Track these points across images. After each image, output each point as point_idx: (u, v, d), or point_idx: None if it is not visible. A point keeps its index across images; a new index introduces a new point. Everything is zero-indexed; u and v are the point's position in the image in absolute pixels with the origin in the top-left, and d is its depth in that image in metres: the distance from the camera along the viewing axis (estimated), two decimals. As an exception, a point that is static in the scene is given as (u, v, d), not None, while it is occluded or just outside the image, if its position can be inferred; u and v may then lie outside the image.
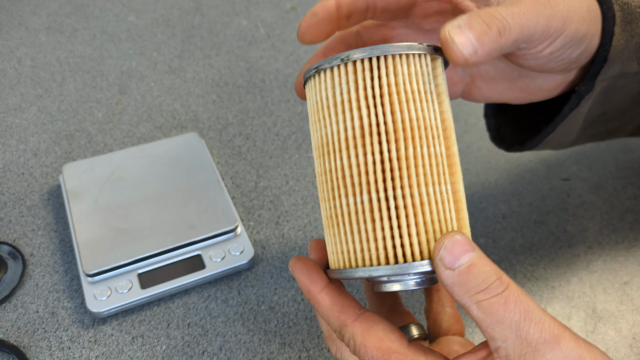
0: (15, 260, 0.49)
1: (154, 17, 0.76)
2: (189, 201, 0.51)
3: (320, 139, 0.32)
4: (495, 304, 0.27)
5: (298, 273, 0.33)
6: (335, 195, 0.31)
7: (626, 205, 0.57)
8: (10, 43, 0.70)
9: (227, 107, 0.64)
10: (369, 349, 0.30)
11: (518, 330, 0.27)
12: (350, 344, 0.31)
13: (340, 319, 0.31)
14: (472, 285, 0.28)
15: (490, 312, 0.27)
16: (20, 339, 0.44)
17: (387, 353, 0.30)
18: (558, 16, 0.32)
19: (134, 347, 0.44)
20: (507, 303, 0.27)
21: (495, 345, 0.28)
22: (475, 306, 0.28)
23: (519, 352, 0.27)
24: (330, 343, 0.36)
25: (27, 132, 0.60)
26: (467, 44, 0.30)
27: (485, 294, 0.27)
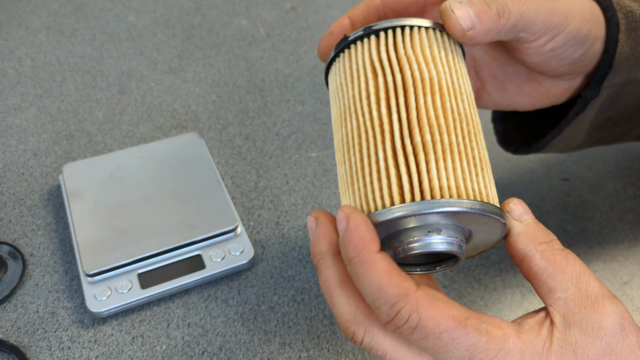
0: (15, 260, 0.49)
1: (154, 17, 0.76)
2: (189, 201, 0.51)
3: (341, 107, 0.33)
4: (558, 255, 0.29)
5: (354, 223, 0.27)
6: (353, 152, 0.30)
7: (626, 205, 0.57)
8: (10, 43, 0.70)
9: (227, 107, 0.64)
10: (440, 320, 0.26)
11: (579, 282, 0.28)
12: (412, 319, 0.26)
13: (402, 286, 0.26)
14: (538, 235, 0.30)
15: (553, 262, 0.29)
16: (20, 339, 0.44)
17: (462, 321, 0.26)
18: (560, 11, 0.33)
19: (134, 347, 0.44)
20: (568, 257, 0.29)
21: (554, 297, 0.28)
22: (540, 254, 0.29)
23: (579, 304, 0.28)
24: (355, 327, 0.29)
25: (27, 132, 0.60)
26: (465, 18, 0.31)
27: (548, 246, 0.29)
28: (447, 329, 0.26)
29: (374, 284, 0.26)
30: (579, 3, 0.34)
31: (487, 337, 0.26)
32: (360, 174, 0.30)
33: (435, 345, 0.26)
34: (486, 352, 0.26)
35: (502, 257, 0.52)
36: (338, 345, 0.45)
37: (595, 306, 0.27)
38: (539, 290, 0.29)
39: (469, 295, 0.49)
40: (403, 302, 0.26)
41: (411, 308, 0.26)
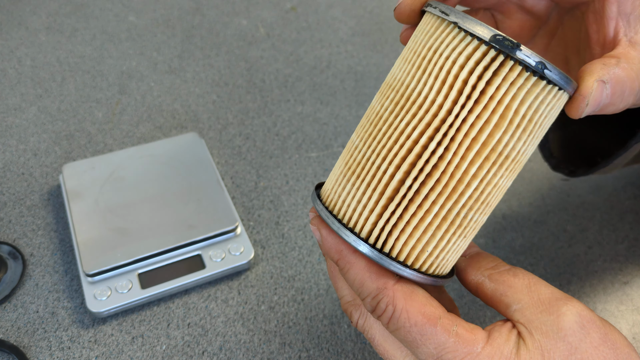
0: (15, 260, 0.49)
1: (154, 17, 0.76)
2: (189, 201, 0.51)
3: (390, 78, 0.29)
4: (505, 274, 0.30)
5: (326, 233, 0.30)
6: (372, 140, 0.28)
7: (626, 205, 0.57)
8: (10, 43, 0.70)
9: (227, 107, 0.64)
10: (411, 314, 0.28)
11: (530, 291, 0.29)
12: (388, 310, 0.28)
13: (380, 281, 0.28)
14: (482, 264, 0.31)
15: (501, 281, 0.30)
16: (20, 339, 0.44)
17: (432, 318, 0.28)
18: None
19: (134, 347, 0.44)
20: (516, 273, 0.30)
21: (511, 310, 0.29)
22: (488, 279, 0.30)
23: (535, 310, 0.29)
24: (353, 309, 0.32)
25: (27, 132, 0.60)
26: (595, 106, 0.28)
27: (494, 269, 0.31)
28: (416, 324, 0.27)
29: (357, 280, 0.29)
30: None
31: (455, 338, 0.27)
32: (356, 172, 0.29)
33: (406, 337, 0.28)
34: (454, 353, 0.27)
35: (502, 257, 0.52)
36: (338, 345, 0.45)
37: (550, 309, 0.28)
38: (499, 310, 0.30)
39: (469, 295, 0.49)
40: (382, 294, 0.28)
41: (388, 300, 0.28)
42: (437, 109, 0.26)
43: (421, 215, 0.27)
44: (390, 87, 0.29)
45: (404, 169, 0.27)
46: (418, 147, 0.27)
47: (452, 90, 0.26)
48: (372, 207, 0.28)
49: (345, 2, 0.81)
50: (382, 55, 0.73)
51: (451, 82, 0.26)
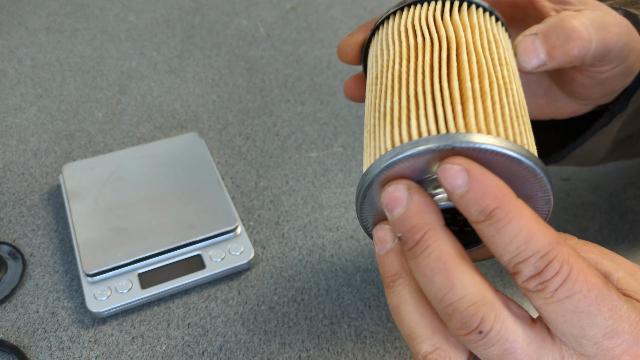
0: (15, 260, 0.49)
1: (154, 17, 0.76)
2: (189, 201, 0.51)
3: (376, 69, 0.30)
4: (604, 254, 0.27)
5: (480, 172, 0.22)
6: (385, 99, 0.27)
7: (626, 205, 0.57)
8: (10, 43, 0.70)
9: (227, 107, 0.64)
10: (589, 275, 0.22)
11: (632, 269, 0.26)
12: (564, 270, 0.22)
13: (554, 234, 0.22)
14: None
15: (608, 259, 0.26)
16: (20, 339, 0.44)
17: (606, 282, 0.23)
18: (631, 45, 0.32)
19: (134, 347, 0.44)
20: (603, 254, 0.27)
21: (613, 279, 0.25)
22: None
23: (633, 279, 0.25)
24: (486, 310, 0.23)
25: (27, 132, 0.60)
26: (533, 58, 0.30)
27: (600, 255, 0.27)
28: (595, 286, 0.22)
29: (523, 234, 0.22)
30: (634, 32, 0.33)
31: (628, 305, 0.23)
32: (390, 116, 0.26)
33: (579, 307, 0.22)
34: (628, 322, 0.22)
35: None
36: (338, 345, 0.45)
37: None
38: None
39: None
40: (556, 251, 0.22)
41: (563, 258, 0.22)
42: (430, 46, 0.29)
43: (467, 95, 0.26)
44: (379, 72, 0.30)
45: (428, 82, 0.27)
46: (428, 69, 0.27)
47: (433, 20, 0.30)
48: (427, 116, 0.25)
49: (345, 2, 0.81)
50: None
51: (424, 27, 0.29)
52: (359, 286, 0.49)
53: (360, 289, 0.49)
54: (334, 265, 0.50)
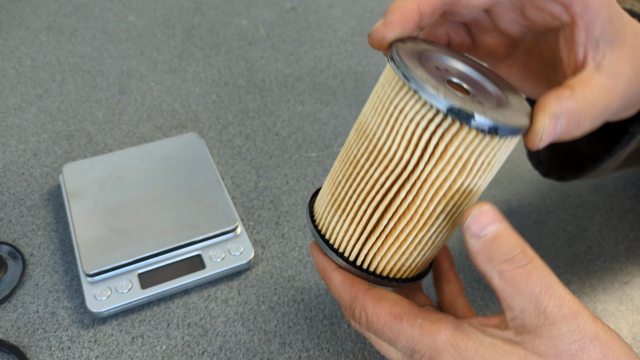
0: (15, 260, 0.49)
1: (154, 17, 0.76)
2: (189, 201, 0.51)
3: (363, 123, 0.32)
4: (518, 275, 0.28)
5: (315, 253, 0.35)
6: (349, 177, 0.33)
7: (626, 205, 0.57)
8: (10, 43, 0.70)
9: (227, 107, 0.64)
10: (381, 316, 0.31)
11: (537, 303, 0.28)
12: (362, 317, 0.32)
13: (352, 292, 0.33)
14: (495, 254, 0.29)
15: (511, 283, 0.28)
16: (20, 339, 0.44)
17: (398, 316, 0.31)
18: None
19: (133, 347, 0.44)
20: (530, 276, 0.28)
21: (512, 314, 0.29)
22: (498, 276, 0.29)
23: (535, 324, 0.28)
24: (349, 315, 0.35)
25: (27, 132, 0.60)
26: (551, 136, 0.30)
27: (508, 265, 0.28)
28: (386, 323, 0.31)
29: (336, 293, 0.34)
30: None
31: (419, 330, 0.30)
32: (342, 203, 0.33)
33: (384, 336, 0.32)
34: (421, 343, 0.30)
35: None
36: (338, 345, 0.45)
37: (551, 327, 0.28)
38: (500, 302, 0.30)
39: (469, 296, 0.49)
40: (354, 303, 0.33)
41: (360, 308, 0.32)
42: (405, 163, 0.30)
43: (391, 242, 0.32)
44: (363, 133, 0.32)
45: (379, 210, 0.31)
46: (390, 194, 0.31)
47: (416, 148, 0.29)
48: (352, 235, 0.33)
49: (345, 2, 0.81)
50: (382, 55, 0.73)
51: (415, 142, 0.29)
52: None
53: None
54: (334, 265, 0.50)
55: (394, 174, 0.30)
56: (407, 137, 0.29)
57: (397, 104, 0.30)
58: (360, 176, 0.32)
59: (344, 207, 0.33)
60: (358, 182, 0.32)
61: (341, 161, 0.34)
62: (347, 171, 0.33)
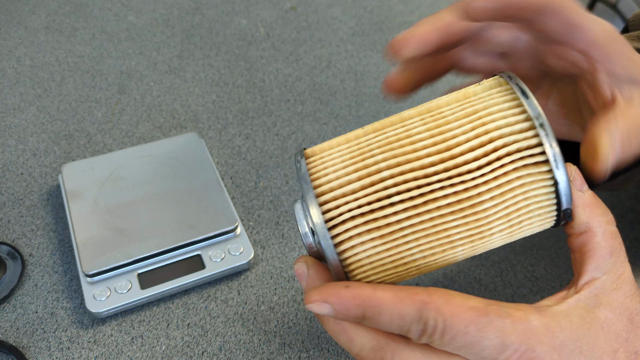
0: (14, 261, 0.49)
1: (154, 16, 0.76)
2: (189, 201, 0.51)
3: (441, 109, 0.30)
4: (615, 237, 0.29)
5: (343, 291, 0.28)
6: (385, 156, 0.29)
7: (627, 205, 0.57)
8: (9, 42, 0.70)
9: (227, 107, 0.64)
10: (462, 315, 0.26)
11: (620, 266, 0.29)
12: (439, 323, 0.26)
13: (415, 301, 0.26)
14: (601, 211, 0.29)
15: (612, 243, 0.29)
16: (19, 339, 0.44)
17: (481, 310, 0.26)
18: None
19: (133, 348, 0.44)
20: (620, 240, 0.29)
21: (594, 275, 0.29)
22: (602, 232, 0.29)
23: (615, 286, 0.29)
24: (383, 353, 0.28)
25: (26, 132, 0.60)
26: (615, 158, 0.30)
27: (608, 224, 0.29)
28: (471, 321, 0.26)
29: (395, 315, 0.26)
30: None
31: (510, 319, 0.26)
32: None
33: (465, 341, 0.26)
34: (515, 334, 0.26)
35: (502, 257, 0.52)
36: (338, 345, 0.45)
37: (625, 289, 0.28)
38: (585, 265, 0.29)
39: (469, 296, 0.49)
40: (425, 312, 0.26)
41: (434, 313, 0.26)
42: (459, 155, 0.27)
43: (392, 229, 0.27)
44: (432, 114, 0.29)
45: (398, 197, 0.27)
46: (421, 174, 0.27)
47: (482, 151, 0.27)
48: None
49: (345, 2, 0.81)
50: (382, 55, 0.73)
51: (486, 148, 0.27)
52: (359, 286, 0.49)
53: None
54: (334, 266, 0.50)
55: (439, 156, 0.27)
56: (480, 138, 0.27)
57: (485, 99, 0.29)
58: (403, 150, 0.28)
59: None
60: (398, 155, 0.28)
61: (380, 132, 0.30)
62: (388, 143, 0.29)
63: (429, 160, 0.27)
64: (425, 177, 0.27)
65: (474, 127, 0.28)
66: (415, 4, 0.83)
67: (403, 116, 0.30)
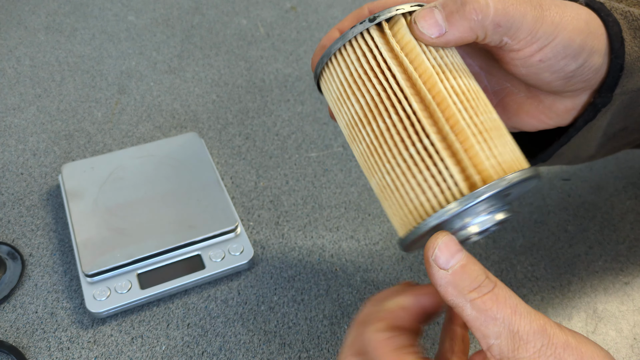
0: (14, 261, 0.49)
1: (154, 16, 0.76)
2: (189, 201, 0.51)
3: (347, 122, 0.33)
4: (488, 301, 0.28)
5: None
6: (377, 168, 0.32)
7: (627, 205, 0.57)
8: (9, 42, 0.70)
9: (227, 106, 0.64)
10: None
11: (510, 325, 0.28)
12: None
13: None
14: (465, 284, 0.28)
15: (483, 310, 0.28)
16: (19, 339, 0.44)
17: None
18: (548, 20, 0.31)
19: (133, 348, 0.44)
20: (498, 299, 0.28)
21: (488, 343, 0.28)
22: (470, 305, 0.28)
23: (512, 347, 0.28)
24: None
25: (26, 132, 0.60)
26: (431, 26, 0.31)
27: (478, 292, 0.28)
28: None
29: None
30: (572, 12, 0.32)
31: None
32: (398, 183, 0.31)
33: None
34: None
35: (502, 257, 0.52)
36: (338, 345, 0.45)
37: (526, 346, 0.28)
38: (476, 337, 0.29)
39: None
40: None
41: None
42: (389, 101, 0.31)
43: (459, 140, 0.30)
44: (351, 131, 0.33)
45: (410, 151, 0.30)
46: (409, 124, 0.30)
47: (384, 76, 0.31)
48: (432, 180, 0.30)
49: (345, 2, 0.81)
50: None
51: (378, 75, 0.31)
52: (359, 286, 0.49)
53: (360, 289, 0.49)
54: (334, 266, 0.50)
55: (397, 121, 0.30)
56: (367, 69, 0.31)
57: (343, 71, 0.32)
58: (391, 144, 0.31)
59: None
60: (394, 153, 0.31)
61: (360, 160, 0.33)
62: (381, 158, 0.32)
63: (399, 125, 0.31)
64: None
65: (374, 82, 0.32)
66: (415, 3, 0.82)
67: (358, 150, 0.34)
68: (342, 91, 0.32)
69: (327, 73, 0.34)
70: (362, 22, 0.31)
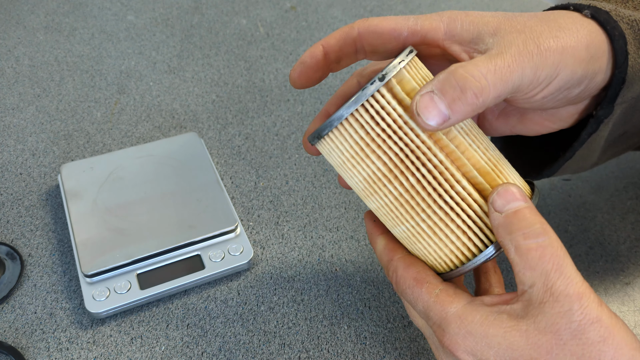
0: (13, 261, 0.49)
1: (153, 16, 0.76)
2: (189, 201, 0.51)
3: (365, 179, 0.34)
4: (533, 250, 0.30)
5: (366, 220, 0.39)
6: (401, 221, 0.34)
7: (627, 205, 0.57)
8: (8, 42, 0.70)
9: (227, 106, 0.64)
10: (407, 279, 0.34)
11: (546, 279, 0.29)
12: (393, 277, 0.36)
13: (389, 255, 0.36)
14: (514, 228, 0.30)
15: (525, 257, 0.30)
16: (18, 340, 0.44)
17: (420, 282, 0.34)
18: (548, 63, 0.31)
19: (132, 348, 0.44)
20: (544, 252, 0.30)
21: (522, 288, 0.30)
22: (514, 249, 0.30)
23: (541, 299, 0.29)
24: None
25: (25, 131, 0.60)
26: (435, 116, 0.30)
27: (524, 238, 0.30)
28: (409, 286, 0.34)
29: (378, 254, 0.38)
30: (571, 40, 0.32)
31: (435, 299, 0.33)
32: (421, 238, 0.34)
33: (407, 298, 0.35)
34: (434, 311, 0.33)
35: (502, 257, 0.52)
36: (338, 346, 0.45)
37: (554, 304, 0.29)
38: (515, 276, 0.31)
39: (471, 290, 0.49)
40: (389, 265, 0.36)
41: (392, 269, 0.36)
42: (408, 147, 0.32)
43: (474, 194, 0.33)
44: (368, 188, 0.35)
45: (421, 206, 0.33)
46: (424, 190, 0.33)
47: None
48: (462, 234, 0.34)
49: (345, 1, 0.81)
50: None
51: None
52: (359, 287, 0.49)
53: (360, 289, 0.49)
54: (334, 266, 0.50)
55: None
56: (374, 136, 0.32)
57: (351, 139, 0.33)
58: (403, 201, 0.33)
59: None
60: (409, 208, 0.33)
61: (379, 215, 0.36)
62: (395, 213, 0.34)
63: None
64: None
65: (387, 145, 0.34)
66: (415, 3, 0.82)
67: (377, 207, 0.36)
68: (359, 150, 0.33)
69: (334, 135, 0.33)
70: (372, 82, 0.31)
